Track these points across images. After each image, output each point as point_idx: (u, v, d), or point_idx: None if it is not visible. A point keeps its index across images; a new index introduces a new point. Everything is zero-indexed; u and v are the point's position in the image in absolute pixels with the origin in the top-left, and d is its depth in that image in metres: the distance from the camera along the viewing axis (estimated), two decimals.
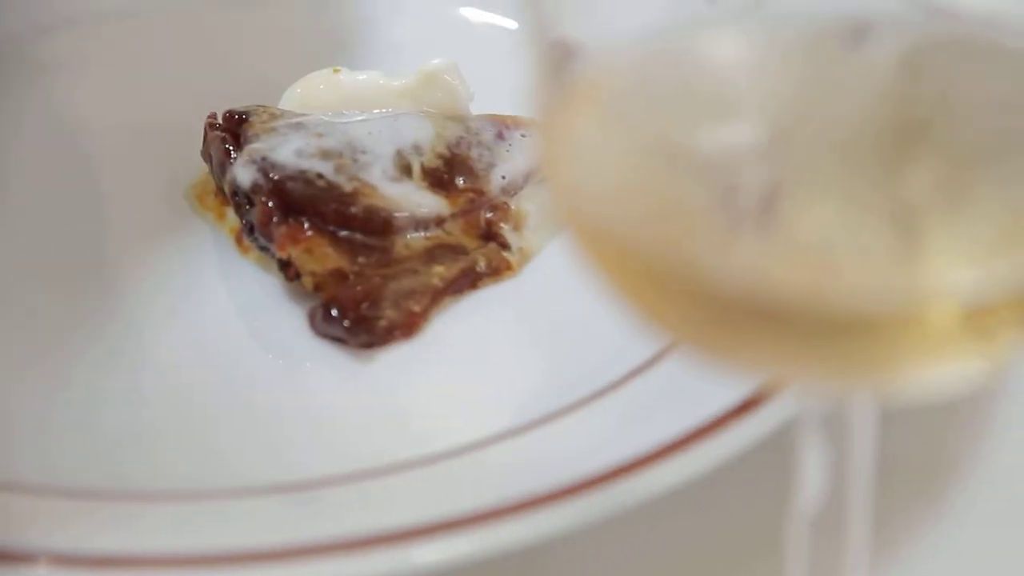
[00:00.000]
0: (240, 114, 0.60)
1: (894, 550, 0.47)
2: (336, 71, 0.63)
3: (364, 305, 0.55)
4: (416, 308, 0.55)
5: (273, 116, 0.60)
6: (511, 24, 0.67)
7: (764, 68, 0.36)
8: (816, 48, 0.36)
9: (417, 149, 0.59)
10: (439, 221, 0.58)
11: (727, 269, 0.31)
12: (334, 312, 0.55)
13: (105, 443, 0.51)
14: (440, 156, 0.59)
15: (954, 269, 0.31)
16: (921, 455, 0.50)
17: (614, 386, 0.50)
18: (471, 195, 0.59)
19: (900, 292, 0.31)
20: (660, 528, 0.47)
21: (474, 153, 0.60)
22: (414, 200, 0.58)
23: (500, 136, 0.61)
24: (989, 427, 0.51)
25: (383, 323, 0.55)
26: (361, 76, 0.62)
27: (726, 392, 0.46)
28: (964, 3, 0.34)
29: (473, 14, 0.69)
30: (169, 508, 0.48)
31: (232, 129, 0.60)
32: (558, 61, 0.34)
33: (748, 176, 0.33)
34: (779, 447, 0.42)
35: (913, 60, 0.35)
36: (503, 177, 0.60)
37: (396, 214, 0.57)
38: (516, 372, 0.54)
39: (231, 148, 0.59)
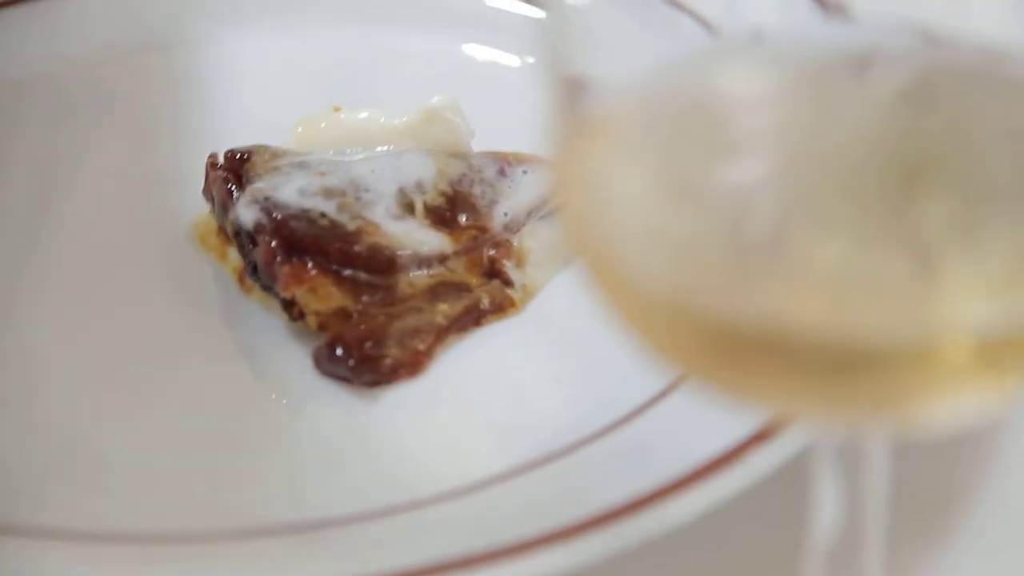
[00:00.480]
0: (242, 153, 0.60)
1: None
2: (337, 109, 0.63)
3: (369, 344, 0.55)
4: (421, 346, 0.55)
5: (275, 155, 0.60)
6: (512, 61, 0.67)
7: (773, 101, 0.36)
8: (822, 80, 0.36)
9: (420, 187, 0.59)
10: (442, 259, 0.58)
11: (740, 304, 0.31)
12: (339, 351, 0.54)
13: (107, 484, 0.51)
14: (443, 194, 0.59)
15: (968, 302, 0.31)
16: (934, 486, 0.50)
17: (624, 420, 0.50)
18: (474, 232, 0.59)
19: (914, 327, 0.31)
20: (674, 561, 0.47)
21: (476, 190, 0.60)
22: (417, 238, 0.58)
23: (502, 173, 0.60)
24: (1002, 459, 0.51)
25: (388, 362, 0.54)
26: (362, 114, 0.62)
27: (739, 424, 0.46)
28: (967, 34, 0.34)
29: (474, 51, 0.69)
30: (173, 550, 0.47)
31: (234, 169, 0.60)
32: (571, 97, 0.34)
33: (759, 210, 0.33)
34: (793, 478, 0.42)
35: (919, 91, 0.35)
36: (505, 214, 0.60)
37: (399, 252, 0.57)
38: (522, 409, 0.54)
39: (233, 188, 0.59)
